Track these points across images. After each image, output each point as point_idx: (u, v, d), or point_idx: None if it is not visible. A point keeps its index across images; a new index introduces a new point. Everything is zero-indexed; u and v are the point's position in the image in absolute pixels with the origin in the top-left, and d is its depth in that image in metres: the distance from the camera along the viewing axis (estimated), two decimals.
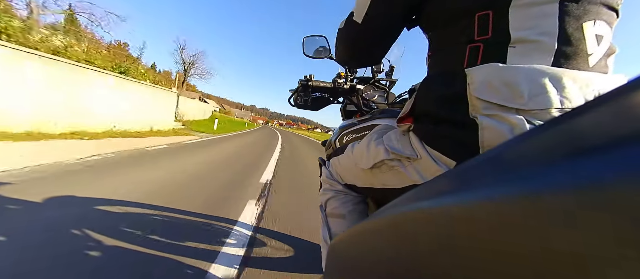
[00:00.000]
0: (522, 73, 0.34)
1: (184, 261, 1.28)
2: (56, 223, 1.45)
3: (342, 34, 0.59)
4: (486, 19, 0.38)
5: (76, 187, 1.99)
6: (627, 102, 0.13)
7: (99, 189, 2.03)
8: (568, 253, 0.12)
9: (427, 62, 0.50)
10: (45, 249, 1.20)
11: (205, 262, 1.29)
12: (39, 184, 1.98)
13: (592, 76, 0.35)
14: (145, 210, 1.81)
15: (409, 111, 0.46)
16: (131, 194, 2.04)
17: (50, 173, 2.26)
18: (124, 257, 1.24)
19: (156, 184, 2.43)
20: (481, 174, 0.19)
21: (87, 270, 1.11)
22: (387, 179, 0.52)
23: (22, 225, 1.37)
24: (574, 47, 0.35)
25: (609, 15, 0.37)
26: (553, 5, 0.35)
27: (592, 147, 0.13)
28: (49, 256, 1.15)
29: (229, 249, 1.46)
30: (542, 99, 0.33)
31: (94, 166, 2.70)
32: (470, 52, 0.39)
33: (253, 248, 1.53)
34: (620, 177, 0.11)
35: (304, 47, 1.00)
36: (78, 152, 3.15)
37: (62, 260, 1.14)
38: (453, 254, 0.19)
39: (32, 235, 1.29)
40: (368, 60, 0.63)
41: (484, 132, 0.35)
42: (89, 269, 1.12)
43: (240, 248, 1.49)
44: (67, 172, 2.37)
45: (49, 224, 1.42)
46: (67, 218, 1.51)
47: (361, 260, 0.35)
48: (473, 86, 0.36)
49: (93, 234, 1.38)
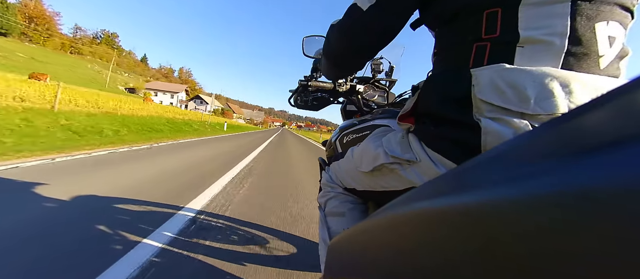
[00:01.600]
0: (530, 76, 0.33)
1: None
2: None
3: (339, 24, 0.55)
4: (495, 17, 0.37)
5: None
6: (627, 102, 0.13)
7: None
8: (568, 253, 0.12)
9: (432, 59, 0.49)
10: None
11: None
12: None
13: (602, 80, 0.34)
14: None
15: (411, 109, 0.46)
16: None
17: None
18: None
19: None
20: (481, 174, 0.19)
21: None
22: (387, 182, 0.52)
23: None
24: (584, 48, 0.34)
25: (624, 16, 0.36)
26: (565, 4, 0.34)
27: (592, 148, 0.13)
28: None
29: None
30: (548, 104, 0.32)
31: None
32: (477, 51, 0.38)
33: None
34: (620, 178, 0.11)
35: (303, 48, 1.00)
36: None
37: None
38: (453, 254, 0.19)
39: None
40: (361, 55, 0.57)
41: (486, 136, 0.34)
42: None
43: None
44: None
45: None
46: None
47: (361, 260, 0.35)
48: (478, 88, 0.36)
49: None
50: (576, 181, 0.12)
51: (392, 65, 1.07)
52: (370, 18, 0.48)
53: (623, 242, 0.10)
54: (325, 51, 0.63)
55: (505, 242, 0.15)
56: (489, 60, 0.37)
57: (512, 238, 0.14)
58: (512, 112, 0.33)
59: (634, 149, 0.11)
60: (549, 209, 0.13)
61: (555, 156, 0.14)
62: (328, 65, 0.65)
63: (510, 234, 0.14)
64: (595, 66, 0.35)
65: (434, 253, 0.21)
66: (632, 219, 0.10)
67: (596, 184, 0.11)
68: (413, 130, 0.46)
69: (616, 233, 0.10)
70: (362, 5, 0.48)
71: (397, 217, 0.26)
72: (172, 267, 1.21)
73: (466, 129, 0.37)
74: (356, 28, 0.51)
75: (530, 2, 0.35)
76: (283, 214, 2.13)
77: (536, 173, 0.14)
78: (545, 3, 0.35)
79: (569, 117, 0.16)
